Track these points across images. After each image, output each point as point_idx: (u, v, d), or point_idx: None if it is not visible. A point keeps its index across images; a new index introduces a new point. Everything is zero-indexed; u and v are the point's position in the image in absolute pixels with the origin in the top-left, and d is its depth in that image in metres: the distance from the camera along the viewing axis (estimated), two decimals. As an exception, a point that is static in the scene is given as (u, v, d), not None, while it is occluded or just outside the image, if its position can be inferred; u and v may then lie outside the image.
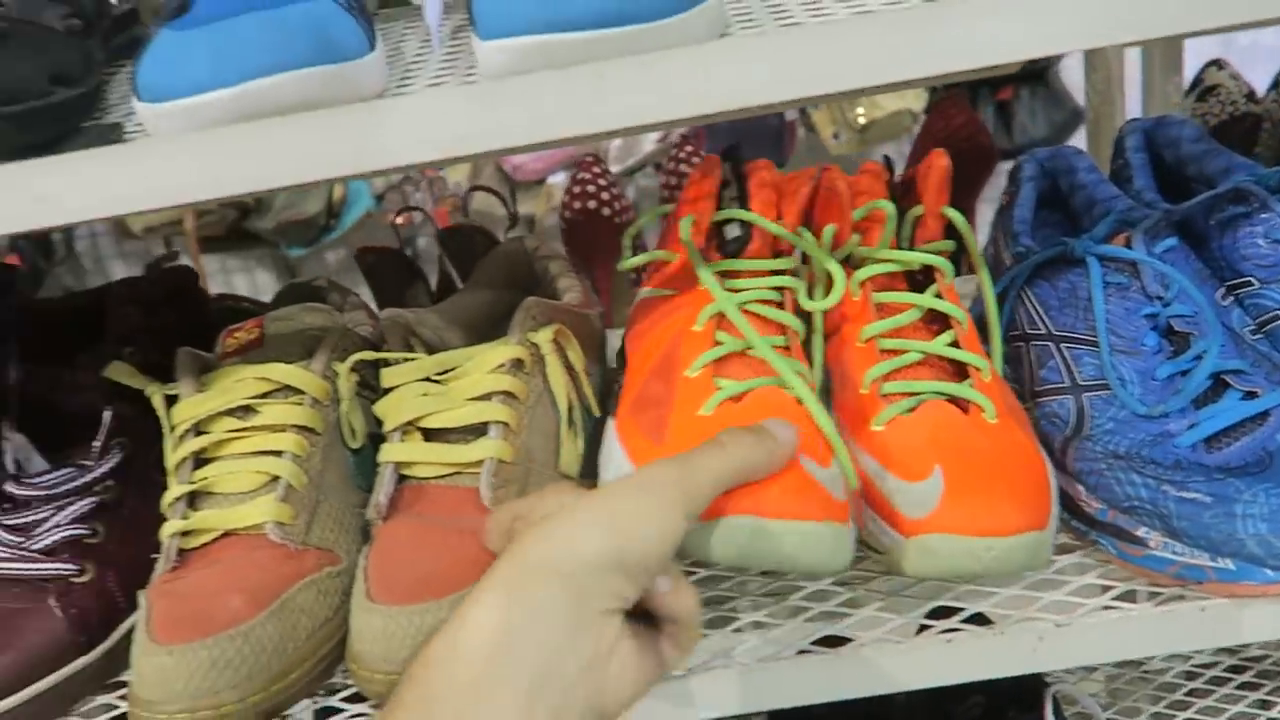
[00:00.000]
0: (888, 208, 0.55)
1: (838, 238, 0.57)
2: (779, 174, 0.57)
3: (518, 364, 0.54)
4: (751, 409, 0.48)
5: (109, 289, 0.60)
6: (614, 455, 0.51)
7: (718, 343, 0.51)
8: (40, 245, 2.34)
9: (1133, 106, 0.90)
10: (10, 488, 0.56)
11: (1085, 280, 0.54)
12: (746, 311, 0.52)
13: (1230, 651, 0.79)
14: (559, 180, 2.40)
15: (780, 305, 0.53)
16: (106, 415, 0.57)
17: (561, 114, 0.39)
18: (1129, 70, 0.88)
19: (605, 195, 0.95)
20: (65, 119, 0.47)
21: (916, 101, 2.18)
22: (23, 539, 0.54)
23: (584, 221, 0.95)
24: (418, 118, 0.39)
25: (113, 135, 0.47)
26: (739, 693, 0.47)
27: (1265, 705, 0.74)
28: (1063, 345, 0.54)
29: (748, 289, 0.53)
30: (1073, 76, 2.13)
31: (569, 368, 0.56)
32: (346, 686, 0.52)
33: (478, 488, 0.52)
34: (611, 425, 0.53)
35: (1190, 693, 0.77)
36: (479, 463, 0.52)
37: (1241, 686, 0.76)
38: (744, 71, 0.40)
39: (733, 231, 0.57)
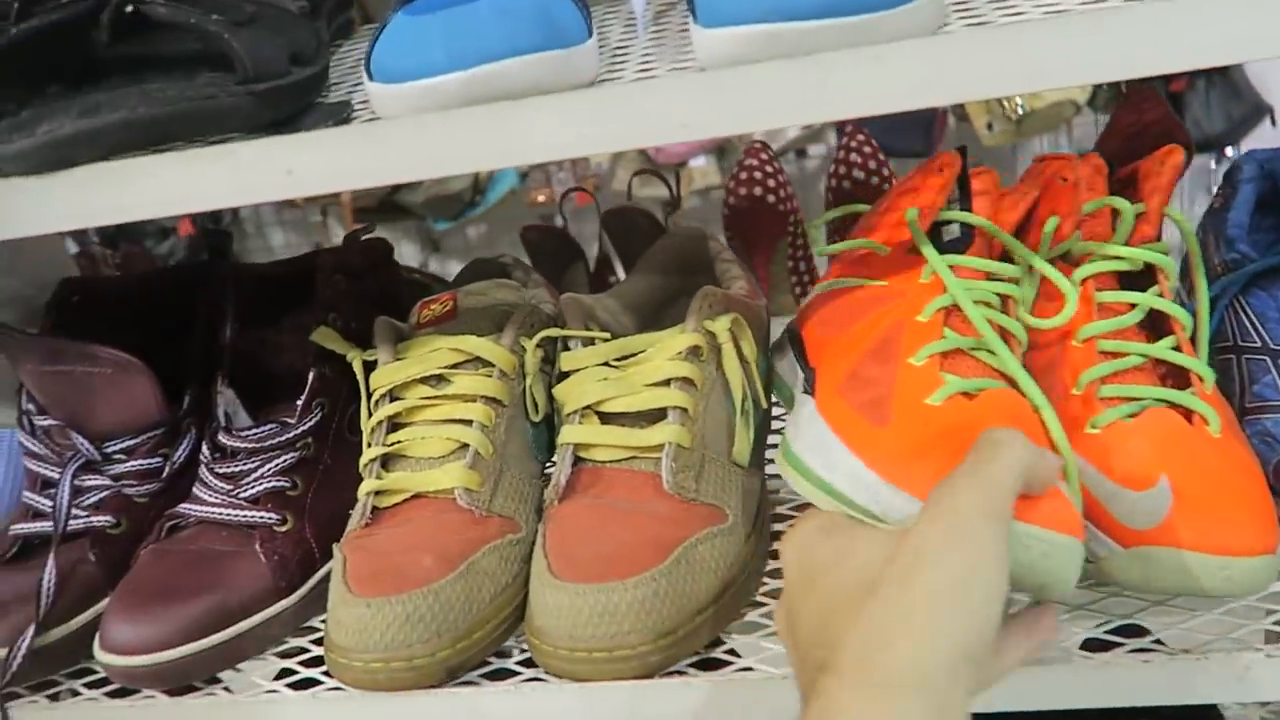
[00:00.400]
0: (1123, 206, 0.52)
1: (1060, 231, 0.55)
2: (998, 183, 0.55)
3: (695, 351, 0.54)
4: (986, 408, 0.46)
5: (315, 257, 0.63)
6: (821, 435, 0.50)
7: (946, 335, 0.49)
8: (211, 246, 2.49)
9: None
10: (223, 438, 0.60)
11: (1311, 293, 0.51)
12: (962, 313, 0.50)
13: None
14: (699, 164, 2.41)
15: (1004, 312, 0.51)
16: (311, 376, 0.60)
17: (786, 103, 0.39)
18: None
19: (771, 182, 0.94)
20: (301, 96, 0.50)
21: (1081, 93, 2.09)
22: (231, 487, 0.58)
23: (749, 208, 0.94)
24: (643, 103, 0.40)
25: (343, 113, 0.49)
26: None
27: None
28: (1281, 361, 0.51)
29: (972, 288, 0.51)
30: (1255, 67, 1.99)
31: (742, 358, 0.57)
32: (520, 650, 0.53)
33: (657, 472, 0.52)
34: (811, 406, 0.52)
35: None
36: (658, 447, 0.53)
37: None
38: (970, 63, 0.39)
39: (947, 234, 0.54)
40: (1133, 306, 0.51)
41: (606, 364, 0.55)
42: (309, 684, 0.53)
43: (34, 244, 0.69)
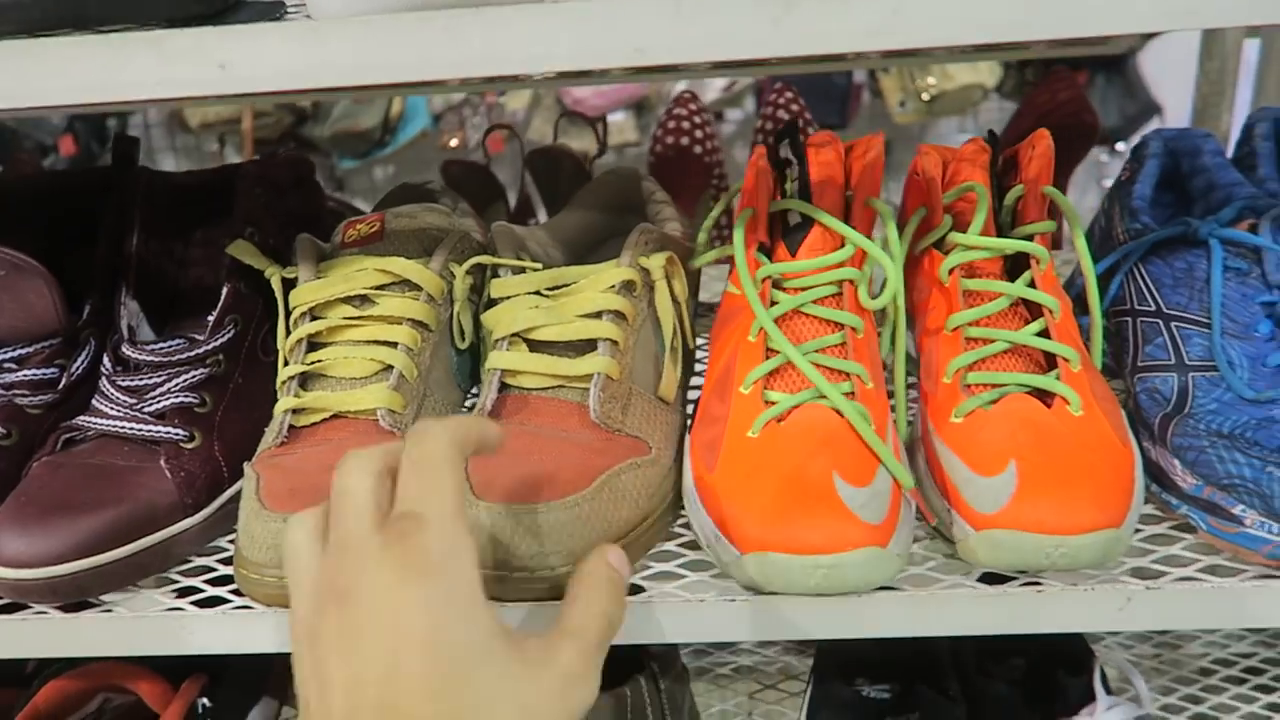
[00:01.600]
0: (980, 190, 0.55)
1: (928, 221, 0.57)
2: (841, 145, 0.57)
3: (629, 286, 0.55)
4: (793, 428, 0.49)
5: (239, 169, 0.60)
6: (686, 476, 0.53)
7: (768, 355, 0.51)
8: (95, 130, 2.35)
9: (1240, 100, 0.89)
10: (126, 350, 0.57)
11: (1204, 262, 0.54)
12: (801, 314, 0.52)
13: (1268, 644, 0.80)
14: (618, 119, 2.40)
15: (840, 300, 0.53)
16: (225, 291, 0.58)
17: (745, 38, 0.39)
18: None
19: (699, 134, 0.95)
20: (229, -9, 0.47)
21: (990, 76, 2.16)
22: (135, 401, 0.56)
23: (674, 157, 0.95)
24: (606, 23, 0.40)
25: (274, 13, 0.47)
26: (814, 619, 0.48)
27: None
28: (1172, 324, 0.55)
29: (806, 287, 0.53)
30: (1149, 67, 2.09)
31: (674, 296, 0.57)
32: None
33: (584, 403, 0.53)
34: (687, 442, 0.54)
35: (1225, 679, 0.79)
36: (586, 377, 0.53)
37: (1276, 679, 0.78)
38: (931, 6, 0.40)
39: (793, 220, 0.56)
40: (1000, 295, 0.53)
41: (538, 293, 0.55)
42: (215, 602, 0.51)
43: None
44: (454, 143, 2.37)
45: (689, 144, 0.95)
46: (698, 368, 0.64)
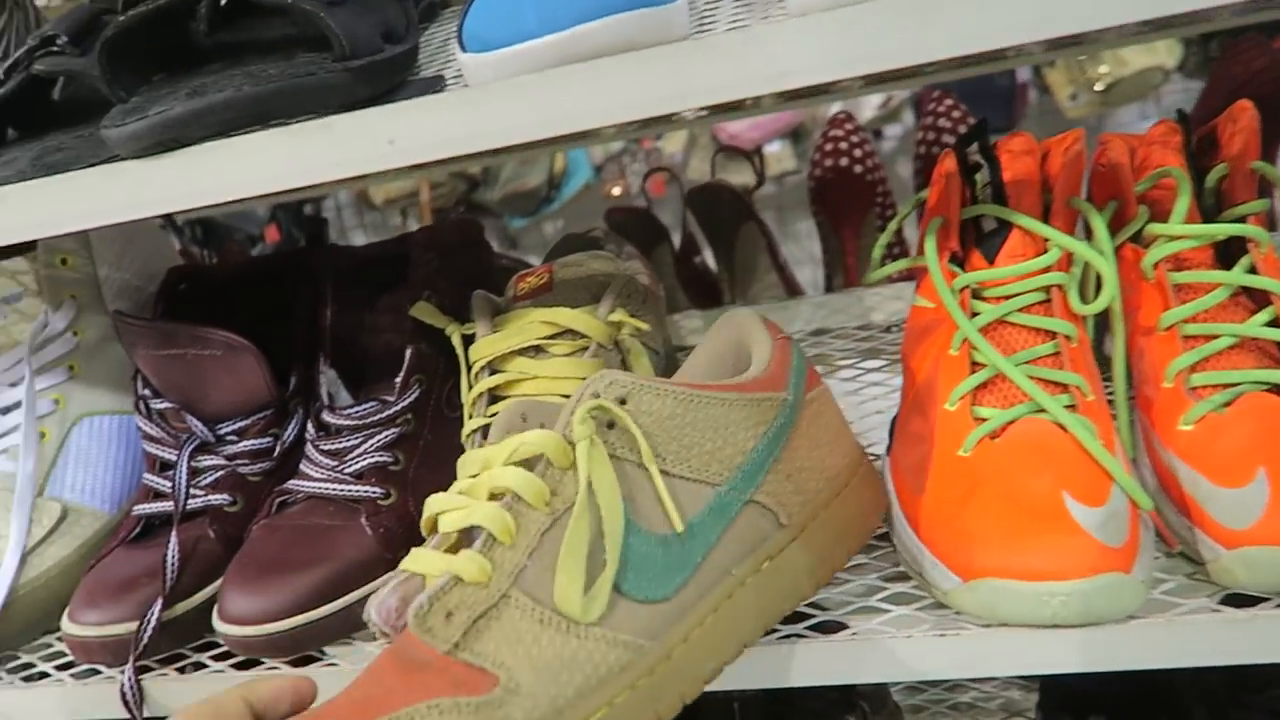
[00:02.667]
0: (1177, 174, 0.50)
1: (1121, 214, 0.53)
2: (1037, 145, 0.53)
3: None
4: (1011, 445, 0.45)
5: (409, 238, 0.64)
6: (891, 499, 0.50)
7: (974, 368, 0.48)
8: (294, 216, 2.57)
9: None
10: (326, 417, 0.61)
11: None
12: (1006, 324, 0.49)
13: None
14: (774, 149, 2.39)
15: (1049, 307, 0.49)
16: (409, 353, 0.61)
17: (892, 45, 0.38)
18: None
19: (857, 153, 0.93)
20: (395, 73, 0.50)
21: (1170, 56, 2.00)
22: (336, 463, 0.60)
23: (834, 179, 0.93)
24: (745, 51, 0.39)
25: (436, 86, 0.50)
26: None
27: None
28: None
29: (1009, 295, 0.49)
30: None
31: None
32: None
33: None
34: (886, 464, 0.52)
35: None
36: None
37: None
38: None
39: (987, 225, 0.53)
40: (1217, 285, 0.48)
41: None
42: (420, 653, 0.53)
43: (141, 237, 0.72)
44: (616, 191, 2.43)
45: (848, 164, 0.92)
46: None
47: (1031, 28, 0.38)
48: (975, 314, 0.49)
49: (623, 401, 0.42)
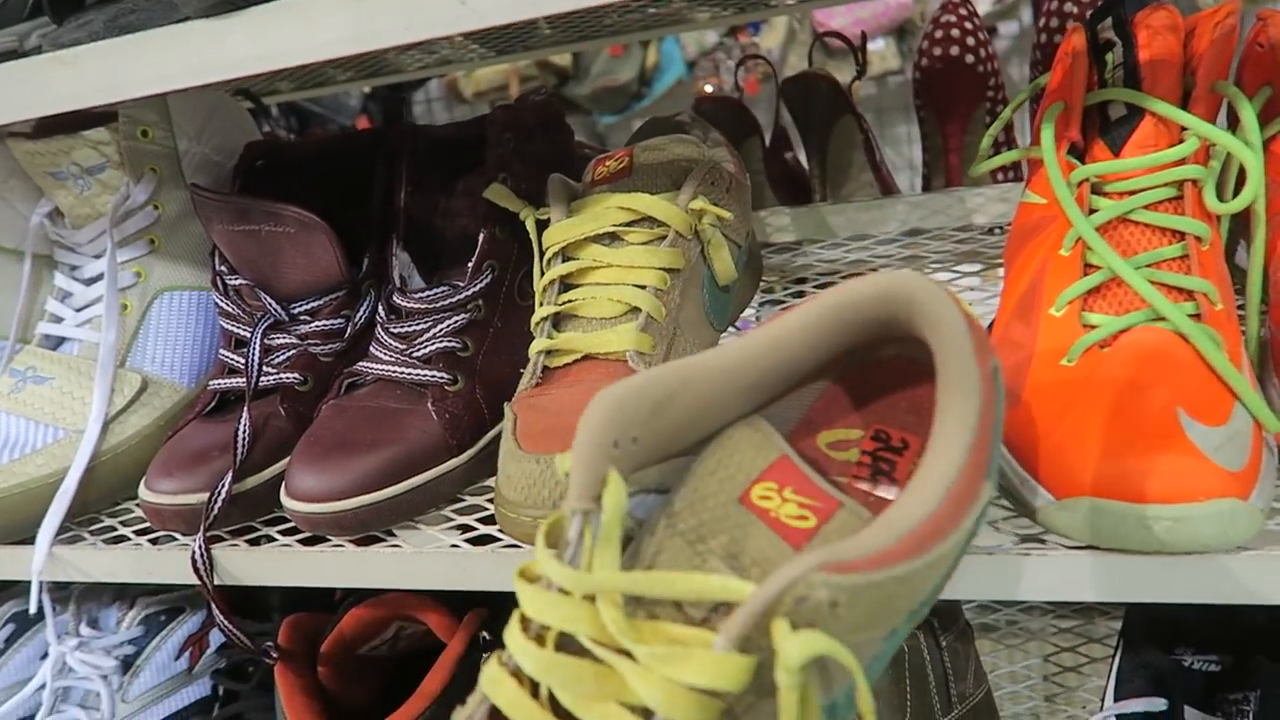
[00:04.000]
0: None
1: (1276, 104, 0.46)
2: (1183, 20, 0.46)
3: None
4: (1122, 355, 0.40)
5: (487, 117, 0.61)
6: None
7: (1087, 271, 0.43)
8: (386, 111, 2.56)
9: None
10: (397, 300, 0.60)
11: None
12: (1129, 222, 0.43)
13: None
14: (877, 46, 2.26)
15: (1179, 204, 0.43)
16: (481, 237, 0.59)
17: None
18: None
19: (971, 40, 0.85)
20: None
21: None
22: (405, 346, 0.58)
23: (943, 69, 0.86)
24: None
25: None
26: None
27: None
28: None
29: (1135, 190, 0.44)
30: None
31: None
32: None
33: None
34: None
35: None
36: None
37: None
38: None
39: (1114, 112, 0.47)
40: None
41: None
42: (485, 540, 0.53)
43: (222, 112, 0.71)
44: (709, 88, 2.34)
45: (959, 53, 0.85)
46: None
47: None
48: (1094, 210, 0.44)
49: (835, 605, 0.26)
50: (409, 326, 0.59)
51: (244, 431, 0.57)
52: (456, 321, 0.58)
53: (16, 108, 0.49)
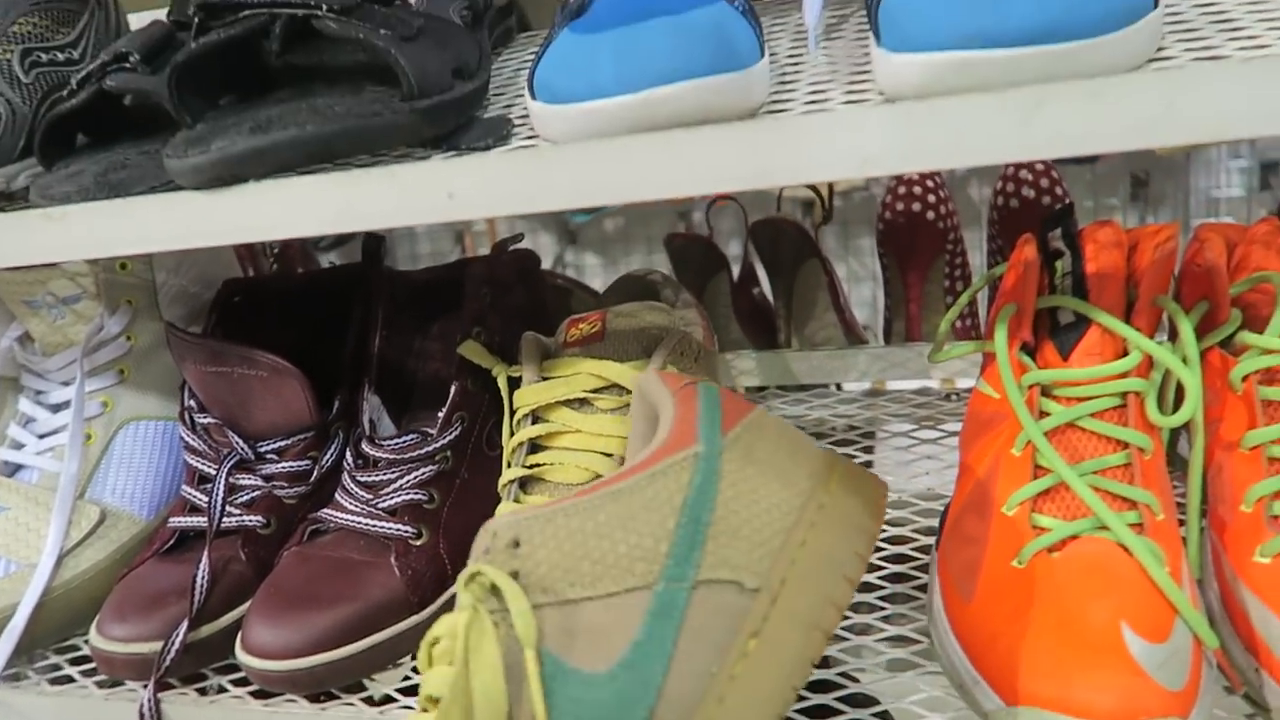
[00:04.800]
0: (1275, 280, 0.47)
1: (1211, 318, 0.49)
2: (1126, 235, 0.50)
3: None
4: (1071, 563, 0.42)
5: (466, 269, 0.63)
6: (934, 597, 0.48)
7: (1037, 473, 0.45)
8: (365, 248, 2.57)
9: None
10: (366, 447, 0.60)
11: None
12: (1076, 428, 0.46)
13: None
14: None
15: (1123, 414, 0.46)
16: (454, 389, 0.60)
17: (988, 140, 0.36)
18: None
19: (932, 198, 0.89)
20: (463, 111, 0.49)
21: None
22: (371, 496, 0.59)
23: (905, 225, 0.90)
24: (828, 135, 0.37)
25: (502, 130, 0.48)
26: None
27: None
28: None
29: (1083, 398, 0.46)
30: None
31: None
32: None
33: None
34: (934, 558, 0.49)
35: None
36: None
37: None
38: (1203, 102, 0.34)
39: (1064, 318, 0.49)
40: None
41: None
42: (439, 703, 0.52)
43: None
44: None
45: (921, 210, 0.89)
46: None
47: (1145, 132, 0.35)
48: (1044, 414, 0.46)
49: (516, 544, 0.38)
50: (376, 476, 0.59)
51: (203, 577, 0.57)
52: (424, 473, 0.59)
53: (3, 255, 0.50)
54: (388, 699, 0.53)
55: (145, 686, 0.54)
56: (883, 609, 0.53)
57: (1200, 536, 0.48)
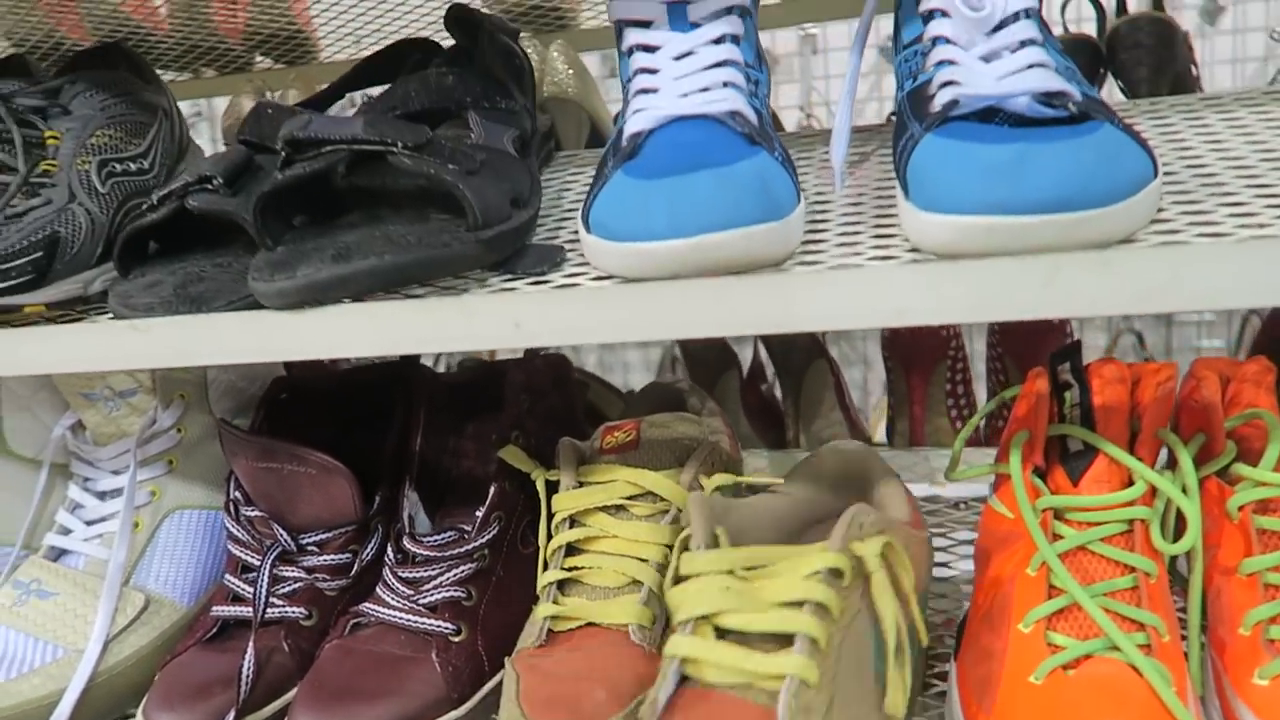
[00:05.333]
0: (1269, 420, 0.51)
1: (1208, 449, 0.53)
2: (1129, 370, 0.54)
3: (835, 574, 0.46)
4: (1085, 682, 0.46)
5: (506, 375, 0.66)
6: (954, 708, 0.51)
7: (1051, 593, 0.49)
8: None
9: None
10: (407, 543, 0.63)
11: None
12: (1086, 551, 0.49)
13: None
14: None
15: (1130, 539, 0.49)
16: (493, 491, 0.63)
17: (1010, 300, 0.40)
18: None
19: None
20: (520, 237, 0.53)
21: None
22: (412, 592, 0.61)
23: (909, 332, 0.95)
24: (862, 290, 0.41)
25: (556, 259, 0.53)
26: None
27: None
28: None
29: (1093, 523, 0.49)
30: None
31: (898, 588, 0.49)
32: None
33: (773, 707, 0.44)
34: (954, 669, 0.52)
35: None
36: (778, 677, 0.44)
37: None
38: (1203, 274, 0.39)
39: (1073, 445, 0.53)
40: None
41: (731, 573, 0.48)
42: (475, 799, 0.54)
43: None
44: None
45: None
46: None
47: (1152, 299, 0.40)
48: (1058, 536, 0.50)
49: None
50: (417, 573, 0.62)
51: (249, 667, 0.59)
52: (464, 570, 0.62)
53: (88, 360, 0.53)
54: (425, 793, 0.55)
55: (188, 774, 0.56)
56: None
57: (1201, 653, 0.51)
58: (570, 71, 0.92)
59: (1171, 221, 0.43)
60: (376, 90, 0.65)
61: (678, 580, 0.49)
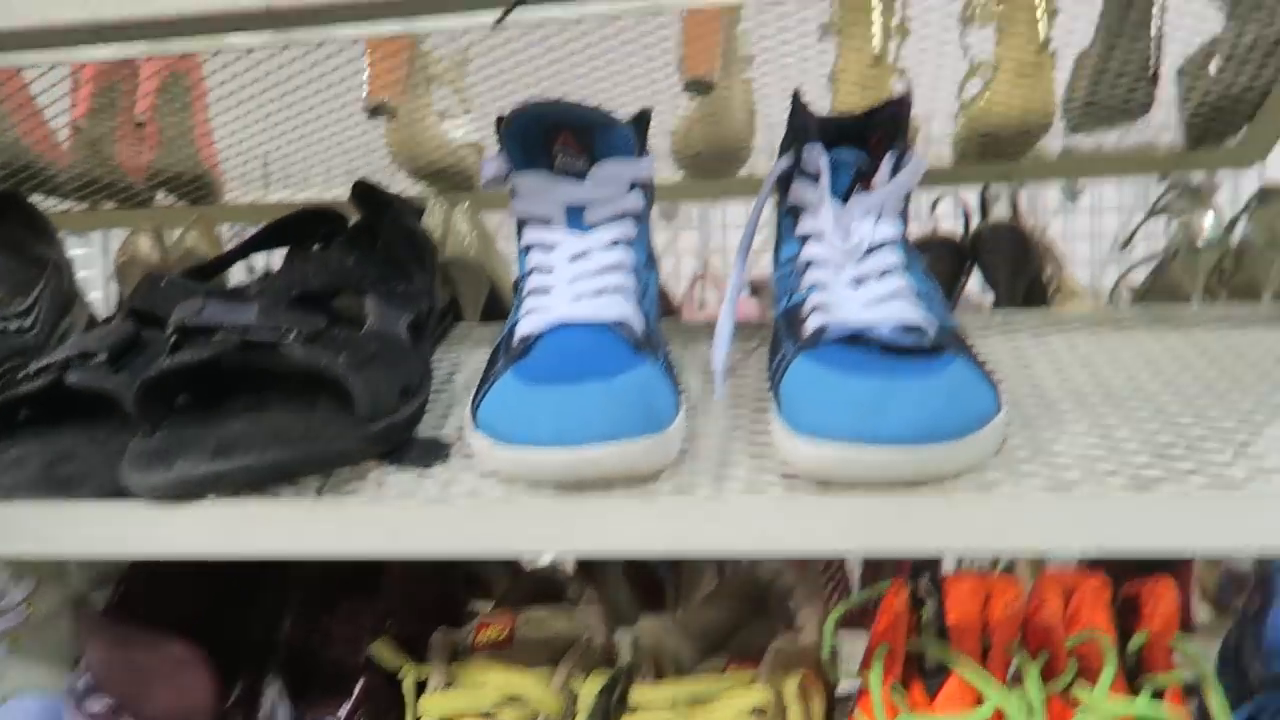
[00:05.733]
0: (1104, 642, 0.54)
1: (1052, 665, 0.56)
2: (984, 584, 0.57)
3: (760, 712, 0.54)
4: None
5: (384, 572, 0.65)
6: None
7: None
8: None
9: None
10: (263, 740, 0.60)
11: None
12: None
13: None
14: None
15: None
16: (359, 687, 0.61)
17: (868, 533, 0.42)
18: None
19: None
20: (408, 429, 0.54)
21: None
22: (263, 792, 0.58)
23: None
24: (734, 518, 0.43)
25: (441, 454, 0.53)
26: None
27: None
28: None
29: None
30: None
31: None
32: None
33: None
34: None
35: None
36: None
37: None
38: (1024, 522, 0.42)
39: (930, 660, 0.55)
40: None
41: (674, 705, 0.55)
42: None
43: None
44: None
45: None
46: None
47: (991, 538, 0.43)
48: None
49: None
50: (271, 772, 0.59)
51: None
52: (322, 770, 0.59)
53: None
54: None
55: None
56: None
57: None
58: (473, 234, 0.94)
59: (1018, 446, 0.47)
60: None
61: (623, 709, 0.56)
